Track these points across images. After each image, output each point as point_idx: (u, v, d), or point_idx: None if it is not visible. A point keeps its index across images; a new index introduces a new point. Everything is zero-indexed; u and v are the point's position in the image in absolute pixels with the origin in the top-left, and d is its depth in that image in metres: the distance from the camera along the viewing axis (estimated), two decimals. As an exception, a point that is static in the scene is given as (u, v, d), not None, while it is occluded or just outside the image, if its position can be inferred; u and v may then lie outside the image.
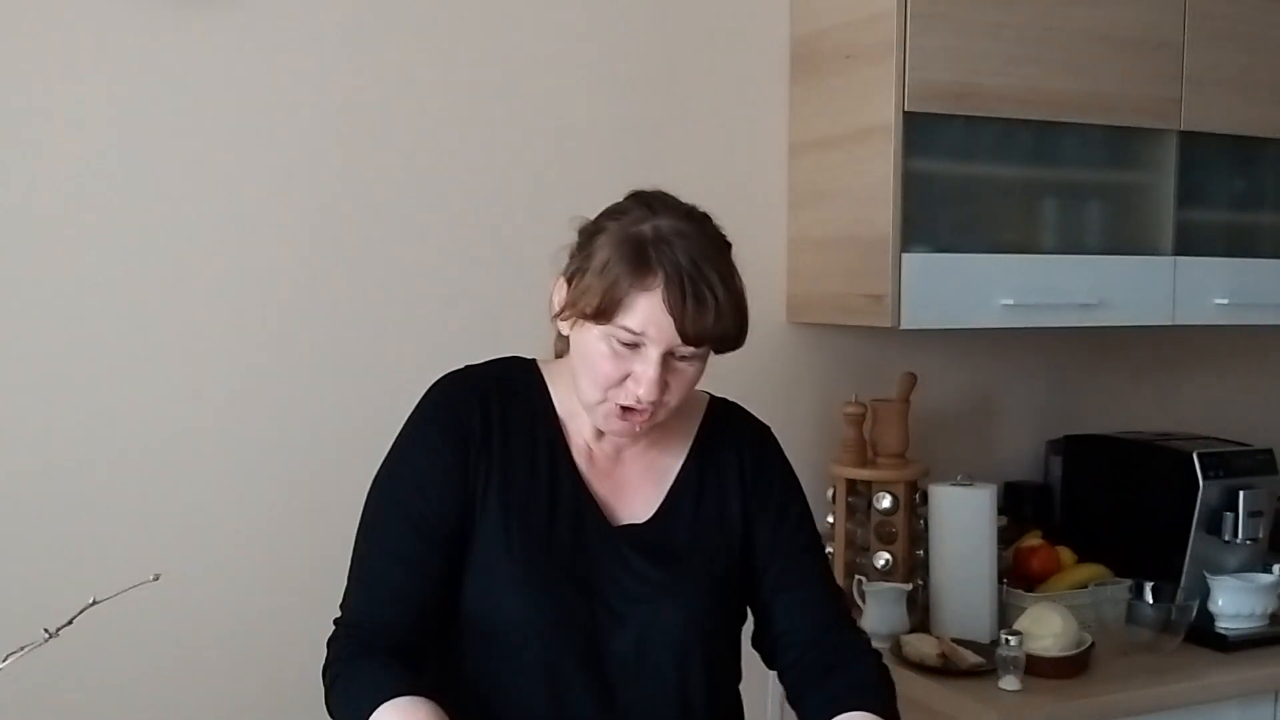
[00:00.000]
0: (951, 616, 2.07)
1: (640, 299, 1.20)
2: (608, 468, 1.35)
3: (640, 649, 1.28)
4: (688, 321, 1.20)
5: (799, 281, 2.23)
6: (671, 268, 1.20)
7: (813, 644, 1.34)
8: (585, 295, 1.23)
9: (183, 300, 1.85)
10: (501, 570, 1.27)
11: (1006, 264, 2.06)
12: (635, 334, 1.21)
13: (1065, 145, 2.15)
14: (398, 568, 1.27)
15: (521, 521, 1.29)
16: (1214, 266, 2.26)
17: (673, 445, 1.38)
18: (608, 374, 1.24)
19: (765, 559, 1.37)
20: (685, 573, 1.31)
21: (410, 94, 1.97)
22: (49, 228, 1.77)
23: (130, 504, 1.83)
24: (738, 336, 1.26)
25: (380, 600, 1.26)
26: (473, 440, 1.30)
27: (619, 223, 1.25)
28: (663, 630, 1.29)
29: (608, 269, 1.21)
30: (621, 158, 2.11)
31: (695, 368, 1.27)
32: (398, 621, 1.25)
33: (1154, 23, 2.15)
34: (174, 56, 1.82)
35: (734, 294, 1.24)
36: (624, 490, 1.35)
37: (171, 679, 1.85)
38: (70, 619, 0.81)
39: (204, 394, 1.87)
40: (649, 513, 1.34)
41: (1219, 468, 2.16)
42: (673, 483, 1.36)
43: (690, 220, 1.26)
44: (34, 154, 1.75)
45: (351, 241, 1.94)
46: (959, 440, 2.41)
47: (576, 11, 2.08)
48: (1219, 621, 2.09)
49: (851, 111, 2.07)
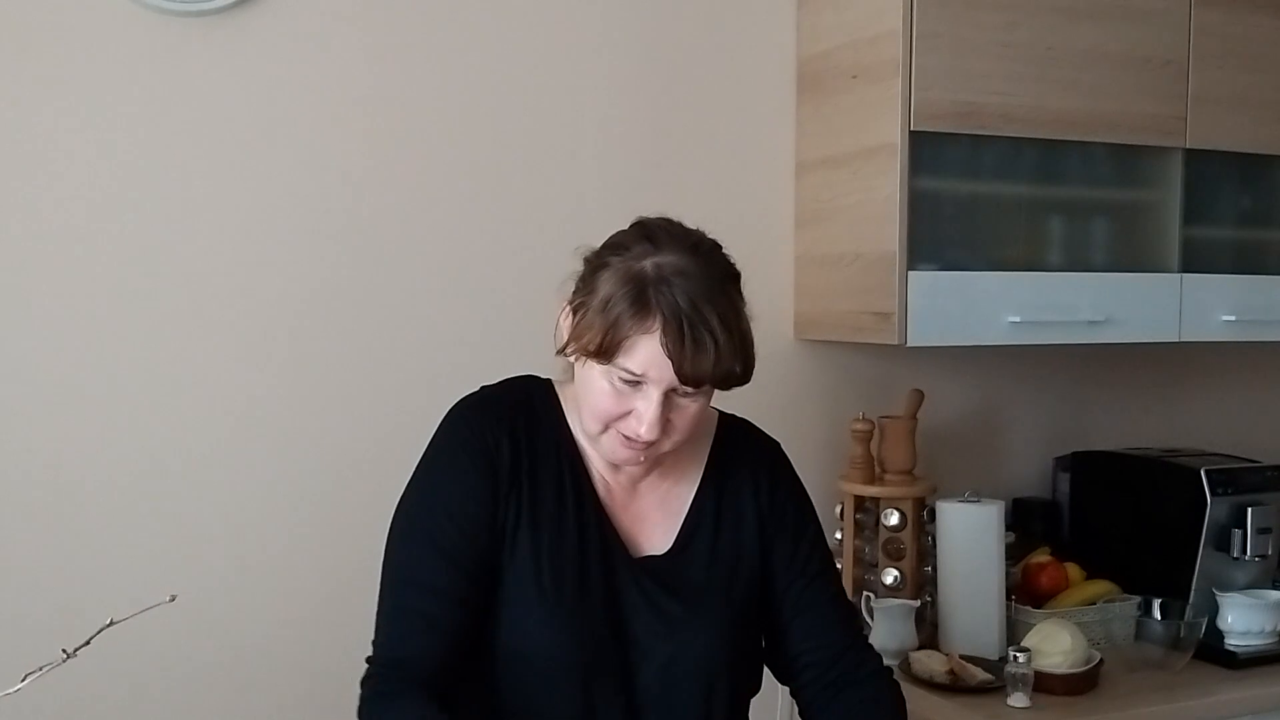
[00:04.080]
0: (960, 633, 2.07)
1: (640, 341, 1.19)
2: (625, 499, 1.35)
3: (667, 681, 1.30)
4: (686, 364, 1.19)
5: (806, 299, 2.24)
6: (670, 311, 1.18)
7: (828, 664, 1.37)
8: (587, 333, 1.22)
9: (200, 319, 1.86)
10: (534, 606, 1.26)
11: (1013, 281, 2.07)
12: (635, 375, 1.21)
13: (1071, 163, 2.16)
14: (432, 600, 1.25)
15: (552, 557, 1.28)
16: (1220, 283, 2.26)
17: (686, 472, 1.38)
18: (609, 410, 1.24)
19: (783, 582, 1.38)
20: (707, 608, 1.32)
21: (425, 116, 1.99)
22: (67, 248, 1.79)
23: (147, 525, 1.84)
24: (742, 374, 1.25)
25: (415, 634, 1.24)
26: (503, 471, 1.29)
27: (621, 258, 1.24)
28: (687, 664, 1.30)
29: (609, 309, 1.20)
30: (631, 176, 2.13)
31: (699, 403, 1.26)
32: (432, 656, 1.24)
33: (1158, 41, 2.16)
34: (189, 68, 1.84)
35: (735, 333, 1.22)
36: (643, 522, 1.35)
37: (188, 698, 1.86)
38: (88, 639, 0.82)
39: (221, 414, 1.88)
40: (667, 544, 1.35)
41: (1227, 484, 2.16)
42: (688, 512, 1.37)
43: (694, 255, 1.23)
44: (51, 166, 1.77)
45: (371, 256, 1.96)
46: (966, 457, 2.41)
47: (587, 34, 2.10)
48: (1228, 638, 2.09)
49: (857, 130, 2.08)
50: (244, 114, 1.87)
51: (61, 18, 1.76)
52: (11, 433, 1.77)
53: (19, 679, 0.81)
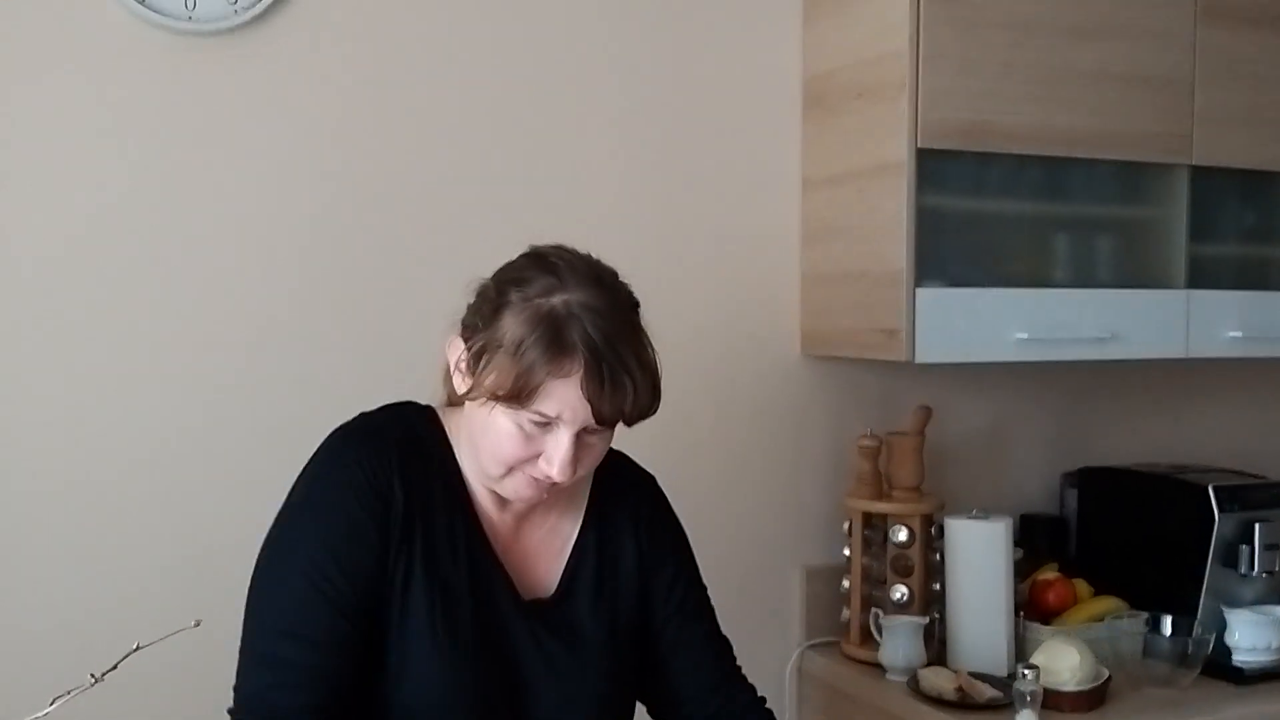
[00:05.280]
0: (968, 650, 2.07)
1: (556, 386, 1.15)
2: (510, 538, 1.32)
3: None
4: (605, 405, 1.17)
5: (812, 316, 2.26)
6: (589, 353, 1.15)
7: (703, 699, 1.39)
8: (495, 375, 1.16)
9: (215, 345, 1.88)
10: (429, 659, 1.21)
11: (1020, 298, 2.08)
12: (549, 417, 1.17)
13: (1077, 180, 2.17)
14: (311, 652, 1.16)
15: (445, 606, 1.23)
16: (1227, 300, 2.27)
17: (568, 508, 1.36)
18: (516, 455, 1.20)
19: (660, 619, 1.39)
20: (592, 652, 1.32)
21: (433, 134, 2.00)
22: (85, 258, 1.80)
23: (172, 551, 1.85)
24: (650, 409, 1.22)
25: (289, 686, 1.15)
26: (395, 516, 1.22)
27: (524, 295, 1.18)
28: (576, 707, 1.30)
29: (521, 353, 1.15)
30: (637, 194, 2.14)
31: (605, 439, 1.24)
32: (308, 711, 1.15)
33: (1164, 60, 2.17)
34: (198, 86, 1.86)
35: (647, 369, 1.20)
36: (528, 561, 1.33)
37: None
38: (115, 664, 0.83)
39: (248, 432, 1.89)
40: (552, 584, 1.34)
41: (1235, 500, 2.16)
42: (571, 552, 1.35)
43: (599, 287, 1.19)
44: (58, 180, 1.79)
45: (385, 268, 1.97)
46: (974, 473, 2.42)
47: (593, 52, 2.11)
48: (1236, 655, 2.09)
49: (864, 149, 2.09)
50: (253, 130, 1.89)
51: (69, 35, 1.78)
52: (35, 454, 1.78)
53: (48, 703, 0.82)
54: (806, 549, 2.29)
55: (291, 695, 1.15)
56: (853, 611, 2.18)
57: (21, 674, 1.74)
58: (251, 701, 1.17)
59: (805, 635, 2.26)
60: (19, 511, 1.78)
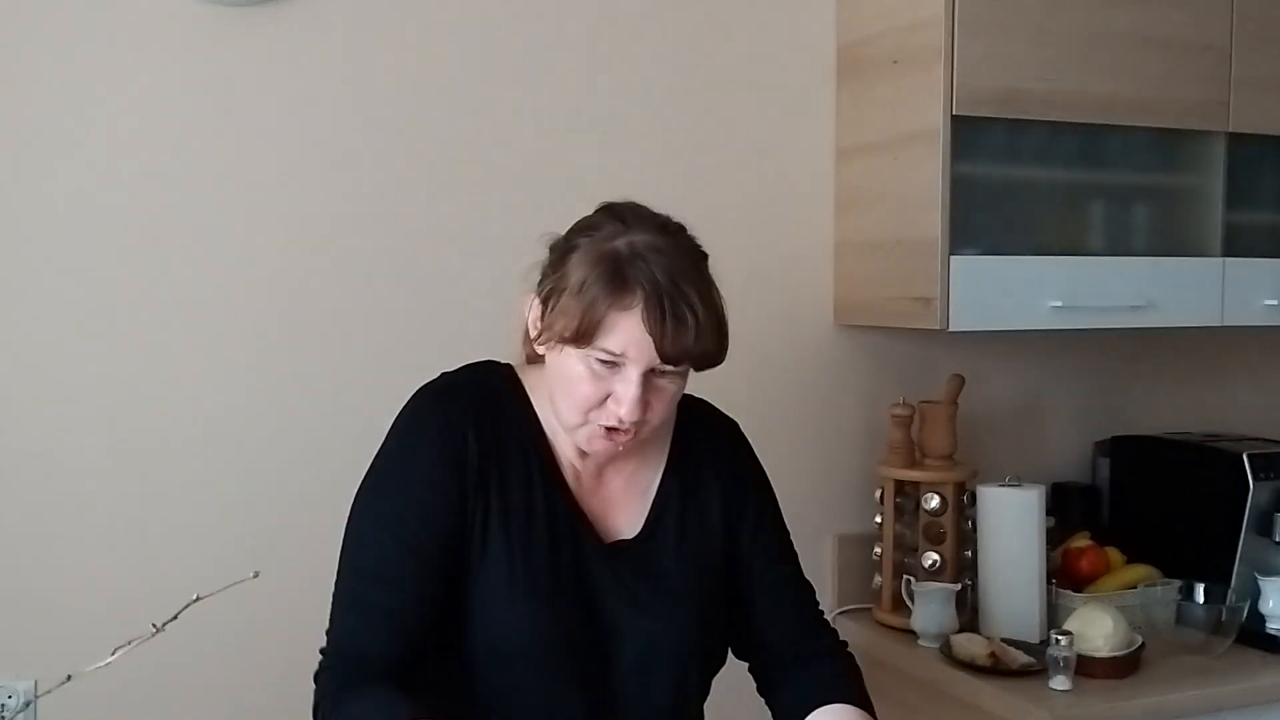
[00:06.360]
0: (1000, 617, 2.08)
1: (619, 319, 1.18)
2: (592, 484, 1.35)
3: (642, 664, 1.31)
4: (667, 341, 1.18)
5: (846, 285, 2.26)
6: (649, 286, 1.17)
7: (788, 642, 1.40)
8: (562, 318, 1.20)
9: (235, 313, 1.90)
10: (510, 599, 1.25)
11: (1054, 266, 2.08)
12: (615, 355, 1.19)
13: (1112, 148, 2.16)
14: (397, 595, 1.22)
15: (524, 548, 1.27)
16: (1263, 268, 2.26)
17: (651, 456, 1.38)
18: (588, 396, 1.22)
19: (746, 563, 1.40)
20: (678, 590, 1.33)
21: (445, 101, 2.00)
22: (104, 235, 1.83)
23: (232, 503, 1.90)
24: (717, 353, 1.24)
25: (377, 629, 1.22)
26: (471, 466, 1.26)
27: (591, 239, 1.22)
28: (662, 646, 1.31)
29: (584, 290, 1.18)
30: (670, 163, 2.14)
31: (677, 384, 1.26)
32: (392, 650, 1.21)
33: (1200, 25, 2.15)
34: (222, 59, 1.87)
35: (713, 310, 1.22)
36: (611, 506, 1.35)
37: (271, 672, 1.86)
38: (175, 614, 0.85)
39: (302, 392, 1.93)
40: (635, 528, 1.35)
41: (1270, 469, 2.15)
42: (655, 495, 1.37)
43: (665, 233, 1.23)
44: (61, 160, 1.80)
45: (407, 251, 1.99)
46: (1007, 442, 2.42)
47: (626, 22, 2.11)
48: (1270, 623, 2.09)
49: (898, 116, 2.09)
50: (249, 111, 1.88)
51: (80, 15, 1.79)
52: (91, 411, 1.82)
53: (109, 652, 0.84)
54: (839, 516, 2.30)
55: (376, 637, 1.21)
56: (885, 578, 2.19)
57: (85, 625, 1.79)
58: (340, 643, 1.24)
59: (838, 602, 2.27)
60: (86, 468, 1.81)
